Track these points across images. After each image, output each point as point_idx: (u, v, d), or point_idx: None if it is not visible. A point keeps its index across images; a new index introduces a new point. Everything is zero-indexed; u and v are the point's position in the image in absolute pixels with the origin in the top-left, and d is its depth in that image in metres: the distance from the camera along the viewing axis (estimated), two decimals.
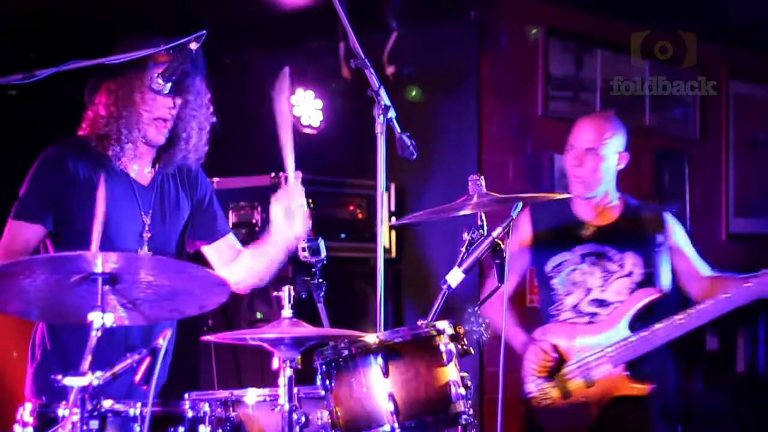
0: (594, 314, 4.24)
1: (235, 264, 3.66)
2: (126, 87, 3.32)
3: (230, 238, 3.71)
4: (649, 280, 4.23)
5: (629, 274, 4.22)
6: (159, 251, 3.40)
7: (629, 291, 4.21)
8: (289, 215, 3.44)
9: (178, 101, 3.38)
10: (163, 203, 3.47)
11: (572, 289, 4.27)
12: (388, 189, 5.85)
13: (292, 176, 3.46)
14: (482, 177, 3.36)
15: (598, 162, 4.25)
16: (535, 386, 4.28)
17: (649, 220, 4.31)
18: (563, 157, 4.40)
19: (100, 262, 2.55)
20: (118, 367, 2.60)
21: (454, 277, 3.21)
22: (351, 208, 5.91)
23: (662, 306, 4.18)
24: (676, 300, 4.30)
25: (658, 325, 4.11)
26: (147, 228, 3.41)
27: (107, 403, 2.75)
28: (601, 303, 4.24)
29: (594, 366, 4.18)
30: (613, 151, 4.28)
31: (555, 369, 4.23)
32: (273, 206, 3.48)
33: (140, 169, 3.45)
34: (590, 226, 4.31)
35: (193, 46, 3.06)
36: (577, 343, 4.22)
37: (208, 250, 3.67)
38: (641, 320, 4.16)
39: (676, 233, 4.32)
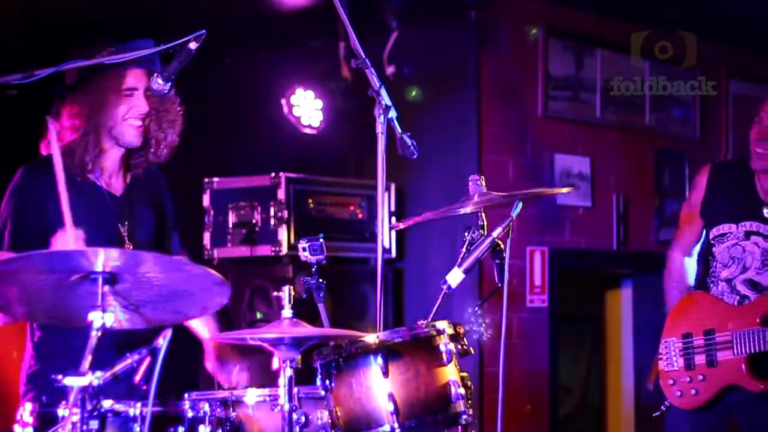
0: (745, 297, 4.16)
1: None
2: (98, 92, 3.30)
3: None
4: None
5: None
6: None
7: None
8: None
9: (152, 100, 3.36)
10: (137, 212, 3.45)
11: (730, 263, 4.19)
12: (388, 189, 5.85)
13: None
14: (482, 177, 3.36)
15: None
16: (664, 345, 4.24)
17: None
18: (751, 131, 4.23)
19: (101, 259, 2.55)
20: (118, 367, 2.60)
21: (454, 277, 3.21)
22: (351, 208, 5.91)
23: None
24: None
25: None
26: (126, 239, 3.40)
27: (107, 403, 2.75)
28: (755, 285, 4.16)
29: (719, 347, 4.12)
30: None
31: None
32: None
33: (111, 181, 3.43)
34: (763, 204, 4.20)
35: (193, 45, 3.05)
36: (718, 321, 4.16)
37: None
38: None
39: None
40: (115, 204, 3.40)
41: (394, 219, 5.82)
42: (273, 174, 5.61)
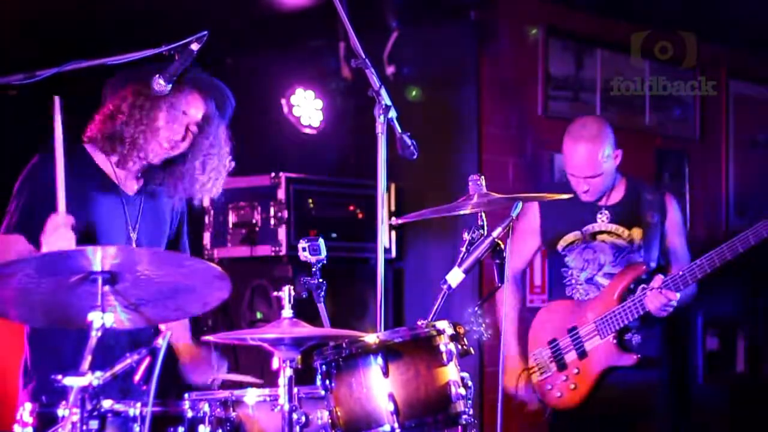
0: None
1: None
2: (153, 102, 3.32)
3: None
4: (644, 255, 4.43)
5: (639, 249, 4.42)
6: None
7: None
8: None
9: (190, 136, 3.41)
10: (148, 213, 3.47)
11: (585, 266, 4.47)
12: (388, 189, 5.86)
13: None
14: (482, 177, 3.36)
15: (601, 180, 4.42)
16: (533, 359, 4.51)
17: (649, 201, 4.48)
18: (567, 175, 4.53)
19: (99, 257, 2.55)
20: (118, 367, 2.60)
21: (454, 277, 3.21)
22: (351, 208, 5.91)
23: (648, 280, 4.33)
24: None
25: (636, 296, 4.30)
26: (134, 238, 3.41)
27: (107, 403, 2.75)
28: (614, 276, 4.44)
29: (585, 339, 4.39)
30: (609, 163, 4.42)
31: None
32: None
33: (127, 179, 3.45)
34: (598, 206, 4.49)
35: (195, 46, 3.06)
36: (579, 318, 4.44)
37: None
38: (629, 293, 4.34)
39: (672, 219, 4.50)
40: (126, 201, 3.43)
41: (394, 219, 5.83)
42: (273, 174, 5.61)
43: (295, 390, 2.87)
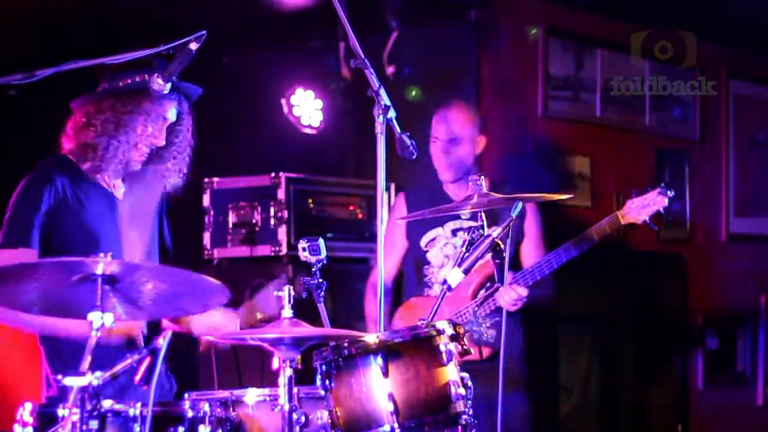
0: None
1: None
2: (134, 113, 3.34)
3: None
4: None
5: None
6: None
7: None
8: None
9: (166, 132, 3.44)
10: (136, 214, 3.49)
11: (445, 261, 4.67)
12: (388, 189, 5.85)
13: None
14: (482, 177, 3.37)
15: (462, 150, 4.65)
16: None
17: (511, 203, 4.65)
18: (430, 147, 4.71)
19: (101, 269, 2.55)
20: (118, 367, 2.60)
21: (454, 276, 3.21)
22: (351, 208, 5.91)
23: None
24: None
25: (486, 293, 4.50)
26: (125, 241, 3.43)
27: (107, 403, 2.75)
28: None
29: None
30: (472, 137, 4.69)
31: None
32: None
33: (115, 183, 3.48)
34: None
35: (193, 46, 3.05)
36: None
37: None
38: (482, 289, 4.53)
39: (530, 220, 4.73)
40: (117, 205, 3.44)
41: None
42: (273, 174, 5.61)
43: (295, 390, 2.87)
